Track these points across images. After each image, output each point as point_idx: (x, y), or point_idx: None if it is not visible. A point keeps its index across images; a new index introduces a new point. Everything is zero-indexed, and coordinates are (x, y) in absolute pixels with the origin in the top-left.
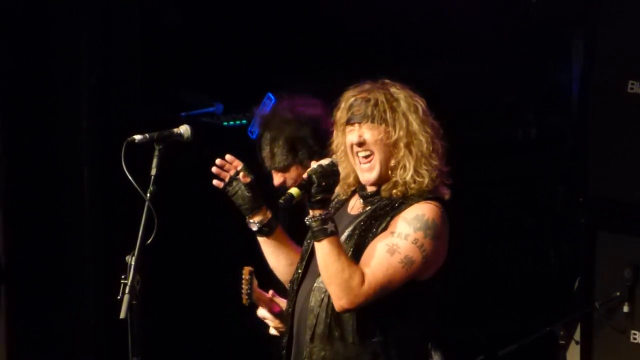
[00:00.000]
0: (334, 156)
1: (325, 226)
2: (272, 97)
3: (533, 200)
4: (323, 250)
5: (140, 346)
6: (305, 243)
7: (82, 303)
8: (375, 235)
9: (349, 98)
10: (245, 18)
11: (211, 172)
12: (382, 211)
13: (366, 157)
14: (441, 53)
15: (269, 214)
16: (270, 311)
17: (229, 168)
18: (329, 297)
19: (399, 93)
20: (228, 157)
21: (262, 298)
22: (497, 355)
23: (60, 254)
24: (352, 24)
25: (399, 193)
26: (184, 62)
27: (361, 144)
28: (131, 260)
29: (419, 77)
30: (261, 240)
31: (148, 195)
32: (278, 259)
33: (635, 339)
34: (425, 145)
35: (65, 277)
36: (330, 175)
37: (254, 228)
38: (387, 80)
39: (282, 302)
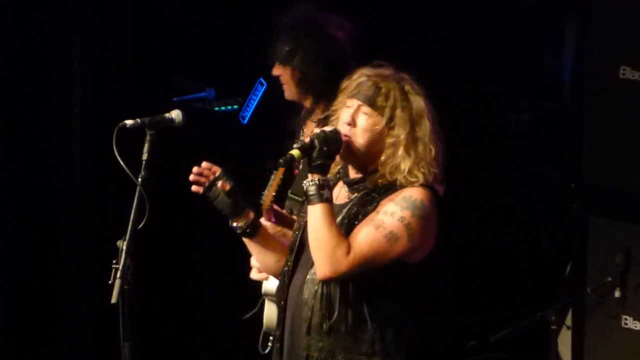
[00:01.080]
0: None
1: (321, 191)
2: (264, 82)
3: (525, 186)
4: (316, 214)
5: (131, 331)
6: (294, 235)
7: (74, 288)
8: (363, 218)
9: (362, 75)
10: (237, 3)
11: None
12: (369, 197)
13: (348, 138)
14: (434, 39)
15: (251, 215)
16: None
17: (207, 174)
18: (322, 288)
19: (414, 94)
20: (204, 164)
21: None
22: (489, 340)
23: (52, 238)
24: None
25: (384, 182)
26: (176, 47)
27: (350, 124)
28: (122, 245)
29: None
30: (246, 241)
31: (139, 180)
32: (265, 257)
33: (626, 324)
34: (429, 153)
35: (57, 261)
36: (332, 141)
37: (238, 231)
38: (407, 76)
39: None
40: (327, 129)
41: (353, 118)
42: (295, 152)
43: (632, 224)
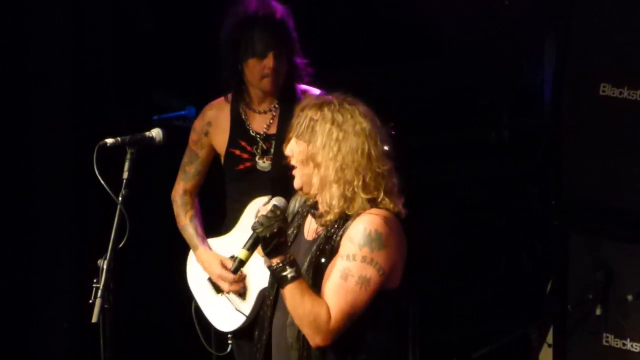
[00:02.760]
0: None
1: (284, 273)
2: None
3: (505, 202)
4: (287, 295)
5: (112, 350)
6: (270, 278)
7: (54, 306)
8: (329, 259)
9: (298, 110)
10: (219, 21)
11: None
12: (328, 233)
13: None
14: (414, 54)
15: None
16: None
17: None
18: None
19: (347, 113)
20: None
21: None
22: (470, 357)
23: (33, 257)
24: (325, 24)
25: (334, 217)
26: (156, 65)
27: (289, 157)
28: (103, 264)
29: (392, 77)
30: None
31: (120, 198)
32: None
33: (607, 341)
34: (361, 172)
35: (37, 280)
36: (275, 222)
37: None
38: (335, 98)
39: None
40: (265, 211)
41: (290, 149)
42: (242, 254)
43: (613, 241)
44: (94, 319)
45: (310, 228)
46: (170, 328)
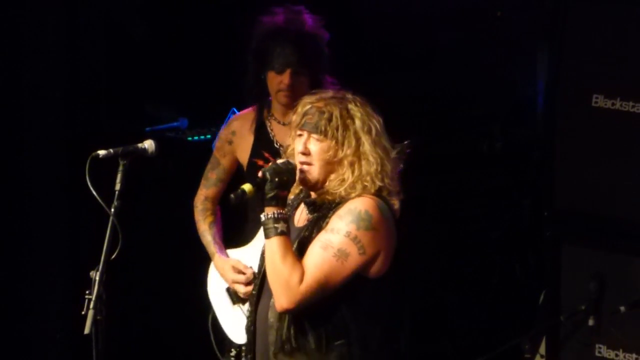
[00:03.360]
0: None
1: (276, 225)
2: (237, 112)
3: (498, 213)
4: (271, 247)
5: None
6: (260, 260)
7: (47, 318)
8: (315, 235)
9: (306, 104)
10: (212, 33)
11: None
12: (320, 215)
13: (306, 164)
14: (407, 65)
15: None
16: None
17: None
18: (285, 311)
19: (356, 111)
20: None
21: None
22: None
23: (26, 268)
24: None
25: (330, 199)
26: (149, 77)
27: (305, 153)
28: (95, 275)
29: (385, 88)
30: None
31: (112, 210)
32: None
33: (600, 352)
34: (373, 167)
35: (30, 291)
36: (284, 172)
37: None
38: (349, 95)
39: None
40: (279, 161)
41: (306, 146)
42: (246, 186)
43: (605, 251)
44: (87, 330)
45: (301, 217)
46: (164, 339)
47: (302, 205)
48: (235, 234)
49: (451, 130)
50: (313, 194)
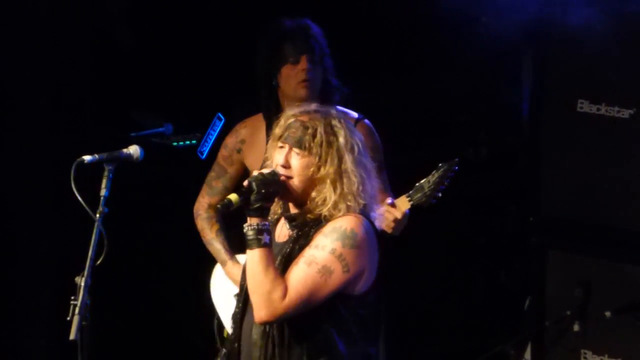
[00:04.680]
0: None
1: (259, 236)
2: (222, 117)
3: (484, 219)
4: (253, 259)
5: None
6: (243, 275)
7: (33, 323)
8: (299, 252)
9: (289, 117)
10: (196, 39)
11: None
12: (302, 232)
13: (285, 177)
14: (391, 71)
15: None
16: None
17: None
18: (270, 326)
19: (340, 128)
20: None
21: None
22: None
23: (11, 273)
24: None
25: (312, 217)
26: (134, 83)
27: (285, 166)
28: (81, 281)
29: (370, 94)
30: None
31: (98, 215)
32: None
33: (585, 358)
34: (355, 186)
35: (16, 297)
36: (271, 183)
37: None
38: (332, 110)
39: None
40: (265, 171)
41: (287, 160)
42: (232, 196)
43: (590, 257)
44: (72, 336)
45: (282, 233)
46: (150, 344)
47: (282, 221)
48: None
49: (436, 136)
50: (292, 208)
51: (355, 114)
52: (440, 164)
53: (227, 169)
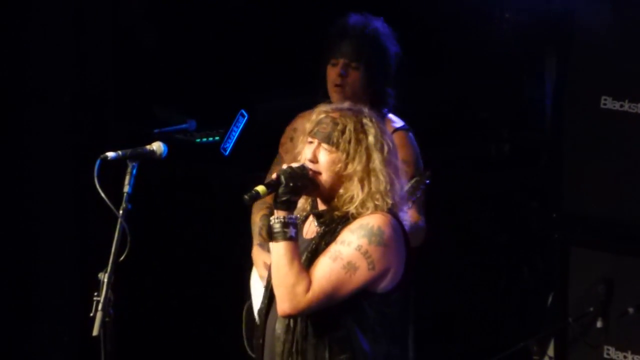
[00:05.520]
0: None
1: (285, 229)
2: (245, 114)
3: (507, 216)
4: (278, 251)
5: None
6: (268, 272)
7: (55, 320)
8: (325, 247)
9: (321, 112)
10: (219, 35)
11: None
12: (329, 228)
13: (314, 173)
14: (414, 69)
15: None
16: None
17: None
18: (294, 321)
19: (371, 127)
20: None
21: None
22: None
23: (34, 270)
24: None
25: (340, 215)
26: (157, 79)
27: (313, 161)
28: (104, 277)
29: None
30: None
31: (121, 212)
32: None
33: (608, 354)
34: (383, 185)
35: (38, 293)
36: (299, 177)
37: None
38: (365, 109)
39: None
40: (294, 165)
41: (315, 155)
42: (260, 188)
43: (613, 254)
44: (95, 332)
45: (310, 229)
46: (172, 340)
47: (311, 218)
48: None
49: (459, 134)
50: (321, 205)
51: (398, 123)
52: (414, 177)
53: (283, 157)
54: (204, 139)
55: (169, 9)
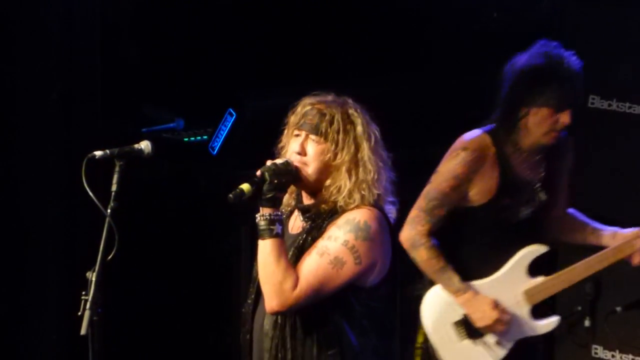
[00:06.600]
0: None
1: (272, 227)
2: (234, 113)
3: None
4: (265, 249)
5: None
6: (255, 267)
7: (44, 318)
8: (312, 243)
9: (306, 104)
10: (207, 33)
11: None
12: (315, 224)
13: (301, 164)
14: (402, 67)
15: None
16: None
17: None
18: (282, 317)
19: (357, 117)
20: None
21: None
22: None
23: (22, 269)
24: (313, 39)
25: (327, 208)
26: (145, 78)
27: (300, 153)
28: (92, 276)
29: (381, 91)
30: None
31: (109, 211)
32: None
33: (596, 353)
34: (371, 175)
35: (27, 292)
36: (284, 173)
37: None
38: (349, 100)
39: None
40: (278, 161)
41: (302, 147)
42: (245, 186)
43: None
44: (83, 331)
45: (295, 224)
46: (161, 340)
47: (296, 212)
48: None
49: (446, 132)
50: (306, 200)
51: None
52: None
53: (452, 197)
54: (192, 138)
55: (158, 8)
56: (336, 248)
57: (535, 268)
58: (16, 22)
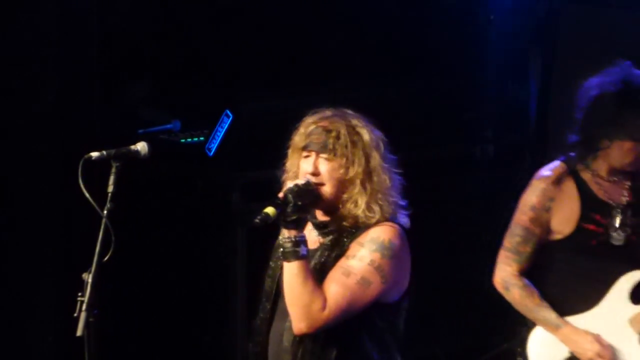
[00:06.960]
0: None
1: (297, 248)
2: (230, 114)
3: (490, 217)
4: (291, 271)
5: None
6: (268, 281)
7: (40, 320)
8: (335, 262)
9: (309, 124)
10: (204, 35)
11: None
12: (337, 241)
13: (318, 185)
14: (400, 70)
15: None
16: None
17: None
18: (302, 335)
19: (361, 127)
20: None
21: None
22: None
23: (18, 270)
24: (312, 42)
25: (348, 225)
26: (142, 79)
27: (315, 174)
28: (88, 277)
29: (379, 94)
30: None
31: (105, 212)
32: None
33: None
34: (384, 183)
35: (23, 293)
36: (306, 194)
37: None
38: (348, 111)
39: None
40: (300, 182)
41: (315, 166)
42: (269, 209)
43: None
44: (79, 333)
45: (310, 238)
46: (157, 341)
47: (309, 227)
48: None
49: (443, 135)
50: (320, 215)
51: None
52: None
53: (536, 231)
54: (189, 139)
55: (155, 9)
56: (363, 268)
57: (639, 294)
58: (13, 23)
